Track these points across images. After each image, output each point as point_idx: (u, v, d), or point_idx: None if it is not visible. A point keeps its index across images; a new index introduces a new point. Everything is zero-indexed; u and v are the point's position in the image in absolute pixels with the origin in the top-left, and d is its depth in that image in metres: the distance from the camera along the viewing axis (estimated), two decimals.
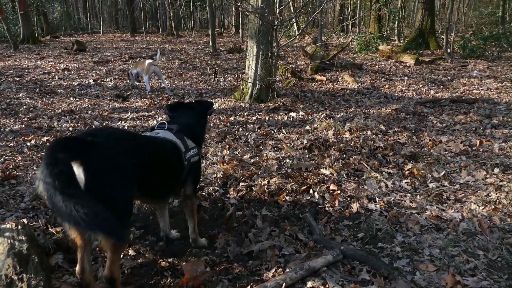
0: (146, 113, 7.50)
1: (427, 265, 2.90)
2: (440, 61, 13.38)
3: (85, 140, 2.17)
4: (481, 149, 5.31)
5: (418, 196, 4.05)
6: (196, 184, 3.20)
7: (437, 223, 3.51)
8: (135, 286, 2.69)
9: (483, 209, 3.73)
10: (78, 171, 2.05)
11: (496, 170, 4.54)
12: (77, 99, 8.69)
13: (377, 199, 3.99)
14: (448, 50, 14.26)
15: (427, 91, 9.34)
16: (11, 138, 5.89)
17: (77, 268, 2.37)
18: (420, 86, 9.90)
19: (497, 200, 3.87)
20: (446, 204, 3.87)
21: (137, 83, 10.03)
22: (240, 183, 4.34)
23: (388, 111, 7.48)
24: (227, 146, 5.62)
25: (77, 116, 7.23)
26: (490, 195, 4.01)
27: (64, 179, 1.86)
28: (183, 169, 2.90)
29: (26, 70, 11.96)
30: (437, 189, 4.19)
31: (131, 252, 3.06)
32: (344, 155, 5.18)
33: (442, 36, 16.09)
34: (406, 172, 4.63)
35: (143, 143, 2.65)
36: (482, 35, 16.02)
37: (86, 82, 10.50)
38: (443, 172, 4.56)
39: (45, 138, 5.86)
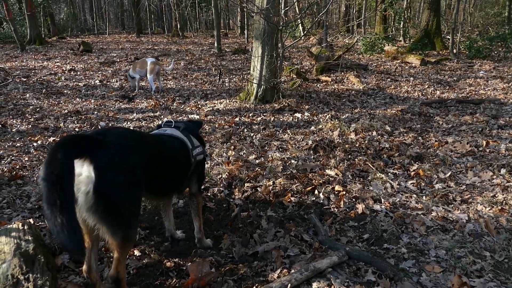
0: (152, 114, 7.52)
1: (433, 266, 2.89)
2: (446, 61, 13.33)
3: (95, 138, 2.17)
4: (488, 149, 5.28)
5: (424, 197, 4.03)
6: (201, 183, 3.22)
7: (443, 224, 3.49)
8: (141, 286, 2.70)
9: (489, 210, 3.70)
10: (88, 169, 2.05)
11: (503, 170, 4.51)
12: (83, 99, 8.73)
13: (382, 200, 3.97)
14: (454, 51, 14.21)
15: (433, 92, 9.30)
16: (18, 138, 5.93)
17: (84, 267, 2.39)
18: (426, 86, 9.86)
19: (504, 201, 3.84)
20: (452, 205, 3.85)
21: (142, 84, 10.02)
22: (245, 184, 4.34)
23: (394, 111, 7.45)
24: (232, 147, 5.62)
25: (83, 117, 7.26)
26: (496, 196, 3.98)
27: (54, 181, 1.82)
28: (190, 166, 2.93)
29: (33, 71, 12.03)
30: (443, 190, 4.17)
31: (136, 252, 3.06)
32: (349, 156, 5.16)
33: (448, 37, 16.04)
34: (412, 173, 4.61)
35: (153, 141, 2.68)
36: (488, 35, 15.97)
37: (92, 83, 10.55)
38: (449, 173, 4.54)
39: (51, 139, 5.89)
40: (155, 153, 2.55)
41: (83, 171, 2.05)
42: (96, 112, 7.62)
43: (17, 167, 4.78)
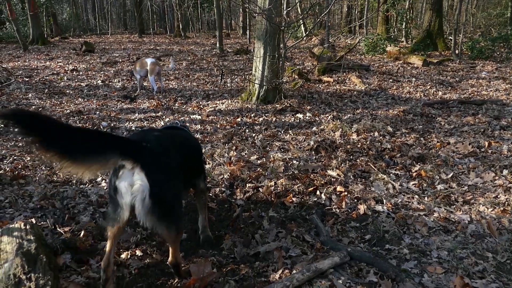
0: (154, 114, 7.52)
1: (435, 267, 2.88)
2: (448, 62, 13.30)
3: (142, 145, 2.31)
4: (490, 150, 5.27)
5: (426, 198, 4.03)
6: (205, 179, 3.38)
7: (445, 225, 3.49)
8: (143, 286, 2.70)
9: (491, 211, 3.70)
10: (140, 176, 2.19)
11: (505, 171, 4.50)
12: (85, 99, 8.74)
13: (384, 200, 3.97)
14: (456, 51, 14.18)
15: (435, 93, 9.28)
16: (20, 138, 5.93)
17: (103, 262, 2.46)
18: (428, 87, 9.85)
19: (506, 202, 3.83)
20: (454, 206, 3.84)
21: (144, 84, 10.03)
22: (247, 184, 4.34)
23: (396, 112, 7.44)
24: (234, 147, 5.62)
25: (85, 117, 7.27)
26: (499, 197, 3.97)
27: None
28: (201, 163, 3.15)
29: (35, 71, 12.06)
30: (445, 191, 4.16)
31: (138, 252, 3.07)
32: (351, 157, 5.16)
33: (450, 37, 16.01)
34: (414, 174, 4.60)
35: (181, 139, 2.88)
36: (491, 36, 15.93)
37: (94, 83, 10.56)
38: (451, 174, 4.53)
39: None
40: (184, 150, 2.77)
41: (136, 179, 2.20)
42: (98, 112, 7.63)
43: (19, 166, 4.79)
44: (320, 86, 10.26)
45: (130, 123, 6.97)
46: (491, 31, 19.18)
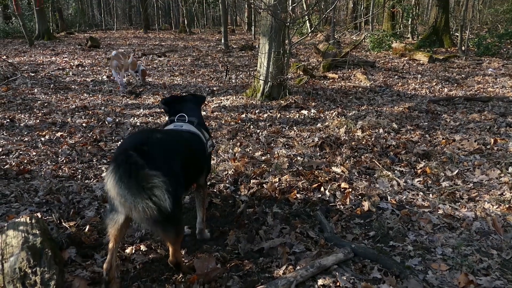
0: (158, 110, 7.54)
1: (440, 264, 2.88)
2: (454, 59, 13.22)
3: (142, 150, 2.26)
4: (495, 147, 5.24)
5: (430, 195, 4.01)
6: (208, 174, 3.34)
7: (450, 222, 3.47)
8: (147, 281, 2.72)
9: (497, 208, 3.68)
10: None
11: (511, 169, 4.48)
12: (91, 95, 8.77)
13: (388, 197, 3.96)
14: (463, 48, 14.08)
15: (440, 89, 9.23)
16: (25, 133, 5.97)
17: (105, 265, 2.44)
18: (434, 84, 9.79)
19: (511, 199, 3.82)
20: (459, 203, 3.83)
21: (125, 78, 9.73)
22: (251, 181, 4.34)
23: (401, 109, 7.41)
24: (238, 143, 5.63)
25: (90, 112, 7.29)
26: (504, 194, 3.95)
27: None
28: (205, 160, 3.10)
29: (41, 66, 12.10)
30: (450, 188, 4.14)
31: (143, 247, 3.08)
32: (356, 153, 5.15)
33: (457, 34, 15.90)
34: (419, 171, 4.59)
35: (182, 141, 2.81)
36: (497, 32, 15.79)
37: (100, 78, 10.59)
38: (456, 171, 4.52)
39: (59, 134, 5.93)
40: (186, 152, 2.72)
41: None
42: (103, 108, 7.65)
43: (25, 161, 4.82)
44: (325, 82, 10.23)
45: (135, 118, 6.98)
46: (498, 27, 19.03)
